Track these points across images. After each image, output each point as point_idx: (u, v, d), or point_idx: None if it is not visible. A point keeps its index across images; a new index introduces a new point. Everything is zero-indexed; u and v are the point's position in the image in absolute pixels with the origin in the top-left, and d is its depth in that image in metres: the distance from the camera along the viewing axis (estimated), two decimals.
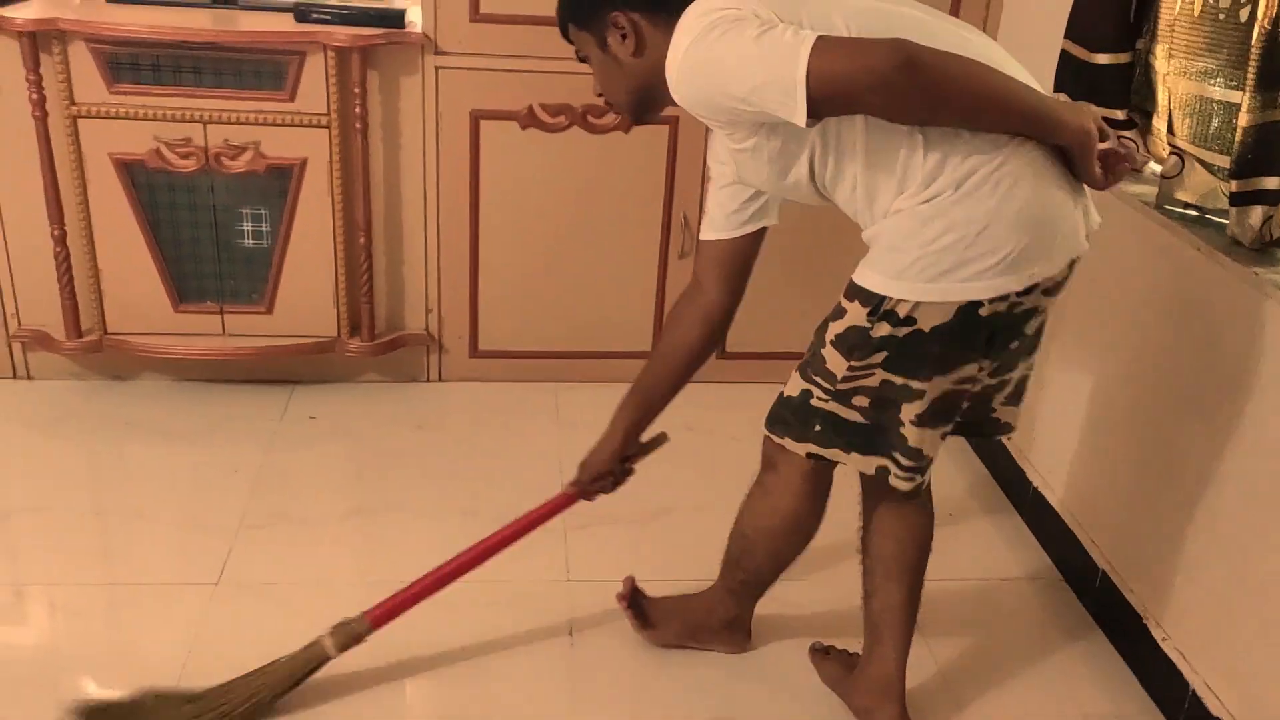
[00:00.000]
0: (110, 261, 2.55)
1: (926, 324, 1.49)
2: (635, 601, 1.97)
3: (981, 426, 1.73)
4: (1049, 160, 1.47)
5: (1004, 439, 2.44)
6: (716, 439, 2.62)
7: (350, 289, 2.64)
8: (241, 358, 2.63)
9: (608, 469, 1.86)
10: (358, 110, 2.46)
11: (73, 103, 2.40)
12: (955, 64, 1.39)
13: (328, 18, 2.42)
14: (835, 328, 1.56)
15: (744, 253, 1.73)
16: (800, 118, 1.36)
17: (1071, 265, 1.53)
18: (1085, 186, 1.53)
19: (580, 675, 1.92)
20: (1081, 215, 1.53)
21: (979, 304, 1.47)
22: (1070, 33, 2.11)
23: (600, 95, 1.66)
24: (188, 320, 2.62)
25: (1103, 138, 1.49)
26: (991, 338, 1.53)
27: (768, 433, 1.71)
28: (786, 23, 1.40)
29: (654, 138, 2.61)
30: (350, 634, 1.79)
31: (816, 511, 1.77)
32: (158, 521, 2.23)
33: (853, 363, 1.54)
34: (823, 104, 1.36)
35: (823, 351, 1.58)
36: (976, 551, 2.30)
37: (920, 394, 1.54)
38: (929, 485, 1.70)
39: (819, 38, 1.35)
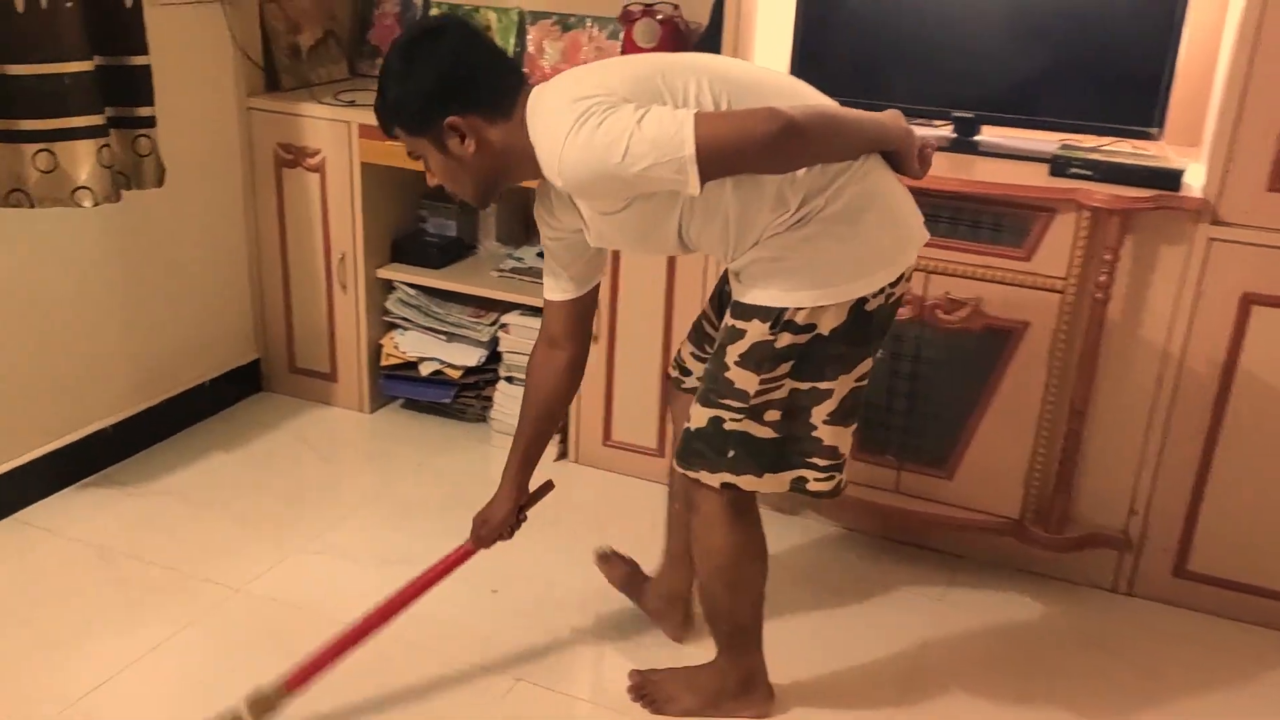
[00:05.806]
0: None
1: (825, 327, 1.63)
2: (647, 682, 1.97)
3: None
4: (886, 168, 1.68)
5: None
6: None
7: (1044, 472, 2.33)
8: (912, 519, 2.44)
9: (506, 523, 1.99)
10: (1103, 279, 2.15)
11: None
12: (819, 117, 1.56)
13: (1089, 174, 2.16)
14: (736, 349, 1.66)
15: (589, 306, 1.89)
16: (695, 188, 1.50)
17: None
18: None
19: None
20: (915, 210, 1.73)
21: (865, 300, 1.63)
22: None
23: (439, 186, 1.72)
24: (863, 469, 2.48)
25: None
26: (878, 331, 1.70)
27: (683, 470, 1.77)
28: (649, 102, 1.51)
29: None
30: (265, 701, 1.80)
31: (753, 537, 1.83)
32: (818, 672, 2.09)
33: (763, 376, 1.66)
34: (712, 172, 1.50)
35: (727, 375, 1.68)
36: None
37: (829, 393, 1.68)
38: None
39: (696, 116, 1.47)
